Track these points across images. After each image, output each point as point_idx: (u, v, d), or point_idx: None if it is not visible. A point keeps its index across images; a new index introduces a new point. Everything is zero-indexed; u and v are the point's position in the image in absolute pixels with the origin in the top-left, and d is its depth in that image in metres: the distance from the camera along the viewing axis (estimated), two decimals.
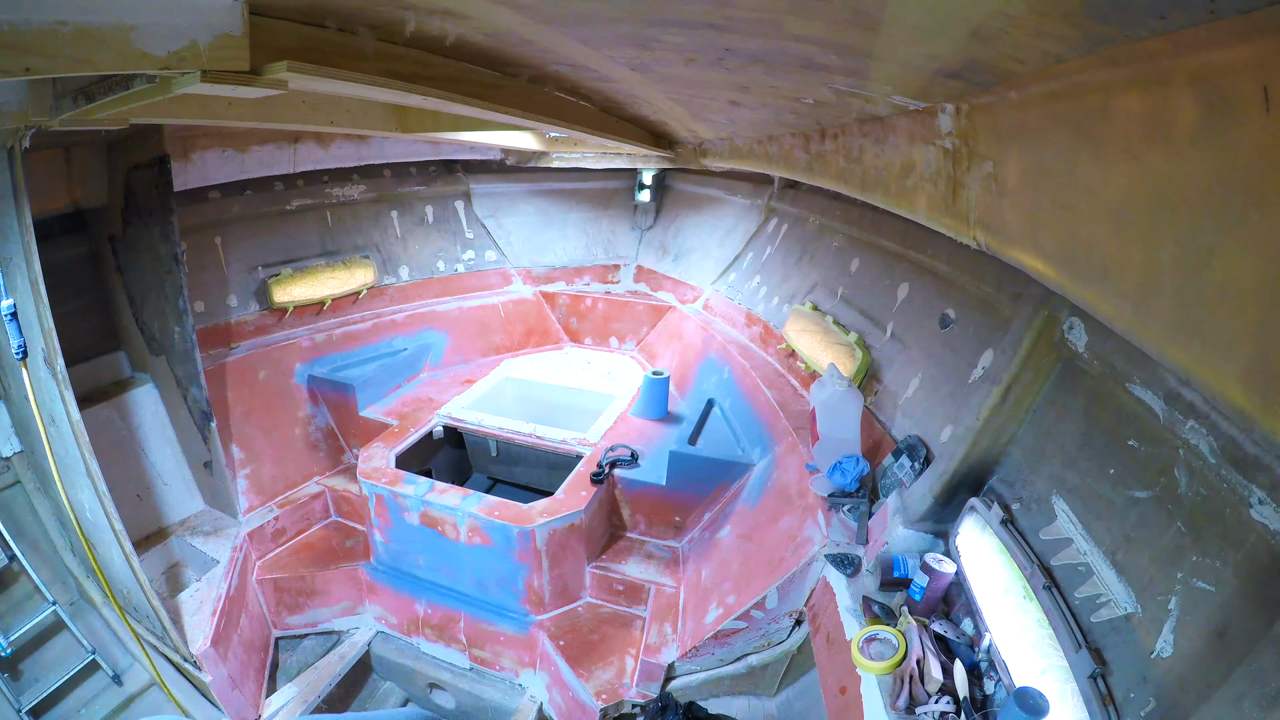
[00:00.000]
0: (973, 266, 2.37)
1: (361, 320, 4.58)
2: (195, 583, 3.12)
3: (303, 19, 1.49)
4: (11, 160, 2.16)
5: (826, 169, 2.14)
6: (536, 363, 5.00)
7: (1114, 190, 0.88)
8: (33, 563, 2.82)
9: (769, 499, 3.04)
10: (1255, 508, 1.15)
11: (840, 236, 3.70)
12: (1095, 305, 0.99)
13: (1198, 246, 0.75)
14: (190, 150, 3.67)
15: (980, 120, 1.21)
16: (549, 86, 2.38)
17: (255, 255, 4.20)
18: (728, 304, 4.61)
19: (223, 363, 3.82)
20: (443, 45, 1.76)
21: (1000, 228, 1.23)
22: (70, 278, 3.27)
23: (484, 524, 3.15)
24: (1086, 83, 0.88)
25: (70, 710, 2.78)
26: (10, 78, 1.22)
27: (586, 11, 1.33)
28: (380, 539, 3.49)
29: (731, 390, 3.82)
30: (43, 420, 2.41)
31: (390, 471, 3.46)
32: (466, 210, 5.36)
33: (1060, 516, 1.67)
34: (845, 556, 2.24)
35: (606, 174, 5.50)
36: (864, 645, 1.84)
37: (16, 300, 2.28)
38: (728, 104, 2.18)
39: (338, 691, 3.33)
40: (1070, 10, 0.74)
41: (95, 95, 1.69)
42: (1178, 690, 1.24)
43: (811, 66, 1.35)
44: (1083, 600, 1.52)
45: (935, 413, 2.39)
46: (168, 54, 1.29)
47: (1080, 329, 1.66)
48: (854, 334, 3.07)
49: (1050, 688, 1.49)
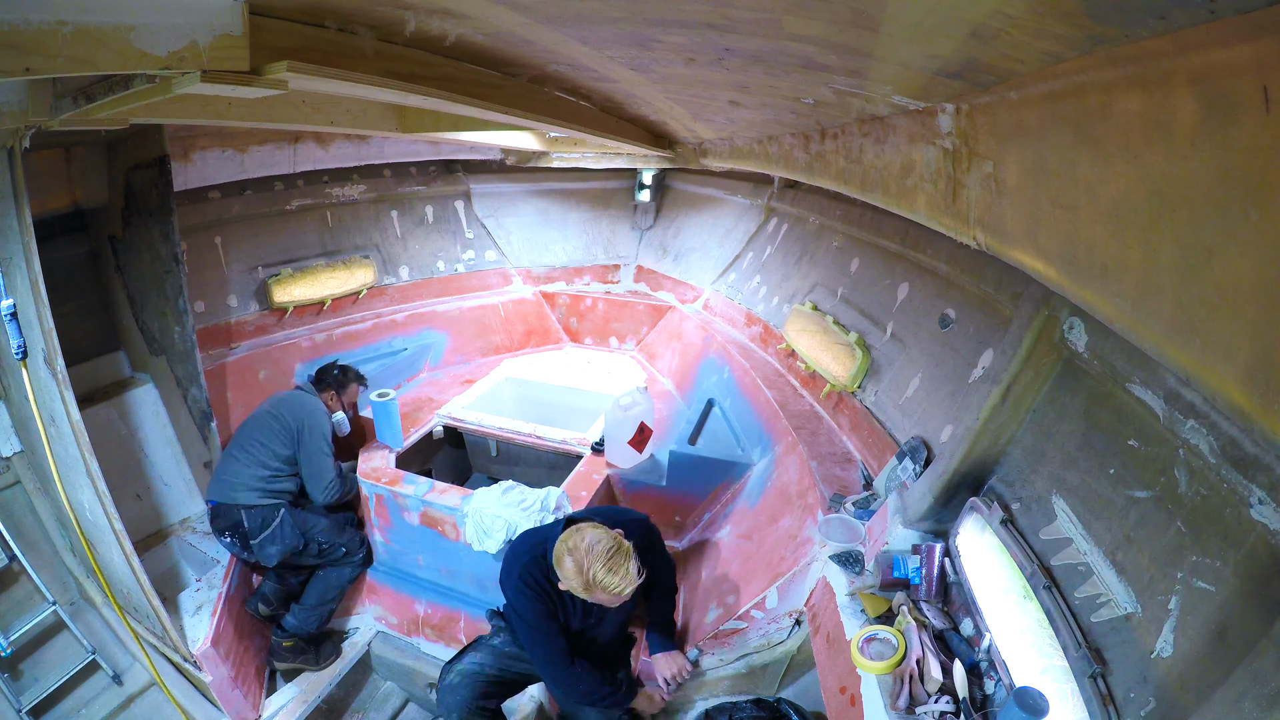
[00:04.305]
0: (973, 266, 2.37)
1: (361, 320, 4.58)
2: (195, 583, 3.12)
3: (303, 19, 1.49)
4: (11, 160, 2.16)
5: (826, 169, 2.14)
6: (536, 363, 5.00)
7: (1114, 190, 0.88)
8: (33, 563, 2.82)
9: (769, 499, 3.04)
10: (1255, 508, 1.15)
11: (840, 236, 3.70)
12: (1095, 305, 0.99)
13: (1198, 246, 0.75)
14: (190, 150, 3.66)
15: (980, 120, 1.21)
16: (549, 86, 2.38)
17: (255, 255, 4.20)
18: (728, 304, 4.61)
19: (223, 363, 3.82)
20: (443, 45, 1.76)
21: (1000, 227, 1.23)
22: (70, 278, 3.27)
23: None
24: (1086, 83, 0.88)
25: (70, 710, 2.78)
26: (10, 78, 1.22)
27: (586, 11, 1.33)
28: (380, 539, 3.49)
29: (731, 390, 3.82)
30: (43, 420, 2.41)
31: (390, 471, 3.46)
32: (466, 210, 5.36)
33: (1060, 516, 1.67)
34: (850, 554, 2.24)
35: (606, 174, 5.50)
36: (864, 645, 1.84)
37: (16, 300, 2.28)
38: (728, 104, 2.18)
39: (338, 692, 3.33)
40: (1070, 10, 0.74)
41: (95, 95, 1.69)
42: (1178, 690, 1.24)
43: (811, 66, 1.35)
44: (1083, 600, 1.52)
45: (935, 412, 2.40)
46: (168, 54, 1.29)
47: (1080, 329, 1.66)
48: (854, 334, 3.07)
49: (1050, 688, 1.49)
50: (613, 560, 2.05)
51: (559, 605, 2.30)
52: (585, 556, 2.05)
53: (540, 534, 2.38)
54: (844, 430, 3.06)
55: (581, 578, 2.05)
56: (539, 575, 2.25)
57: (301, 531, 3.11)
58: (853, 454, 2.91)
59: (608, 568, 2.04)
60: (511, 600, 2.32)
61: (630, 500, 3.53)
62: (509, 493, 3.08)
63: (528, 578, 2.24)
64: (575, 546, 2.08)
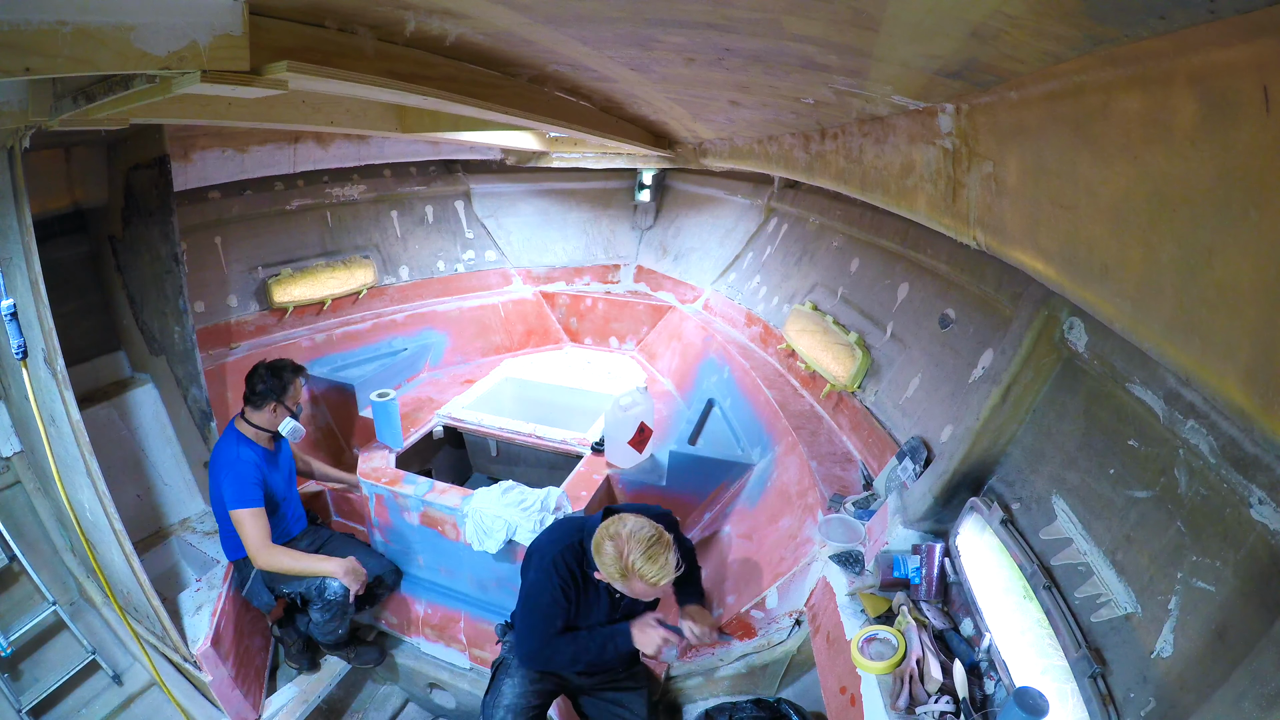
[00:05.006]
0: (973, 266, 2.37)
1: (361, 320, 4.57)
2: (195, 583, 3.12)
3: (303, 19, 1.49)
4: (11, 160, 2.16)
5: (826, 169, 2.14)
6: (536, 363, 4.99)
7: (1114, 190, 0.88)
8: (33, 563, 2.82)
9: (769, 499, 3.04)
10: (1255, 508, 1.15)
11: (840, 236, 3.70)
12: (1095, 305, 0.99)
13: (1198, 246, 0.75)
14: (190, 150, 3.66)
15: (980, 120, 1.21)
16: (549, 86, 2.38)
17: (255, 255, 4.20)
18: (728, 304, 4.61)
19: (223, 363, 3.82)
20: (443, 45, 1.76)
21: (1000, 228, 1.23)
22: (70, 278, 3.27)
23: None
24: (1086, 83, 0.88)
25: (70, 710, 2.78)
26: (10, 78, 1.22)
27: (586, 11, 1.33)
28: (380, 539, 3.49)
29: (731, 390, 3.82)
30: (43, 420, 2.41)
31: (390, 471, 3.46)
32: (466, 210, 5.36)
33: (1060, 516, 1.67)
34: (850, 554, 2.24)
35: (606, 174, 5.49)
36: (864, 645, 1.84)
37: (16, 300, 2.28)
38: (728, 104, 2.18)
39: (338, 692, 3.33)
40: (1070, 10, 0.74)
41: (95, 95, 1.69)
42: (1178, 690, 1.24)
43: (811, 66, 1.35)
44: (1083, 600, 1.52)
45: (935, 413, 2.40)
46: (168, 54, 1.29)
47: (1080, 329, 1.66)
48: (854, 334, 3.07)
49: (1050, 688, 1.49)
50: (653, 549, 2.02)
51: (578, 602, 2.26)
52: (626, 543, 2.02)
53: (578, 521, 2.35)
54: (844, 430, 3.06)
55: (620, 564, 2.02)
56: (571, 563, 2.21)
57: (268, 586, 2.93)
58: (853, 454, 2.91)
59: (648, 555, 2.00)
60: (532, 580, 2.27)
61: (630, 500, 3.53)
62: (509, 493, 3.08)
63: (560, 563, 2.21)
64: (617, 533, 2.06)
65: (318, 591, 2.87)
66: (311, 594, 2.89)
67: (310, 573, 2.86)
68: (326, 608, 2.88)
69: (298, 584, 2.90)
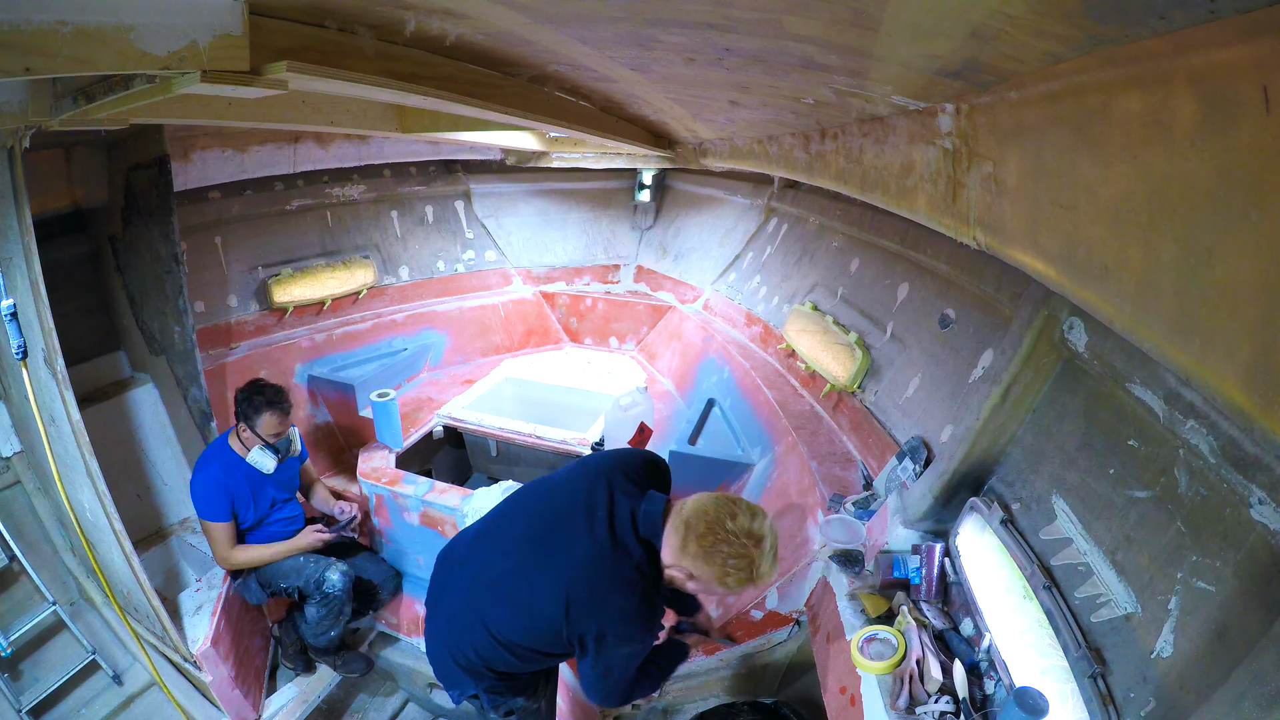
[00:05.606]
0: (973, 266, 2.37)
1: (361, 320, 4.57)
2: (195, 583, 3.12)
3: (303, 19, 1.49)
4: (11, 160, 2.16)
5: (826, 169, 2.14)
6: (536, 363, 4.99)
7: (1114, 190, 0.88)
8: (33, 563, 2.82)
9: (769, 499, 3.04)
10: (1255, 508, 1.15)
11: (840, 236, 3.70)
12: (1095, 305, 0.99)
13: (1198, 246, 0.75)
14: (190, 150, 3.66)
15: (980, 120, 1.21)
16: (549, 86, 2.38)
17: (255, 255, 4.20)
18: (728, 304, 4.61)
19: (223, 363, 3.82)
20: (443, 45, 1.76)
21: (1000, 228, 1.23)
22: (70, 278, 3.26)
23: None
24: (1086, 83, 0.88)
25: (70, 710, 2.78)
26: (10, 78, 1.22)
27: (586, 11, 1.33)
28: (380, 539, 3.49)
29: (731, 390, 3.82)
30: (43, 420, 2.41)
31: (390, 471, 3.46)
32: (466, 210, 5.36)
33: (1060, 516, 1.67)
34: (850, 554, 2.24)
35: (606, 174, 5.49)
36: (863, 645, 1.84)
37: (16, 300, 2.28)
38: (728, 104, 2.18)
39: (338, 692, 3.33)
40: (1070, 10, 0.74)
41: (95, 95, 1.69)
42: (1178, 690, 1.24)
43: (811, 66, 1.35)
44: (1083, 600, 1.52)
45: (935, 412, 2.40)
46: (168, 54, 1.29)
47: (1080, 329, 1.66)
48: (854, 334, 3.07)
49: (1050, 688, 1.49)
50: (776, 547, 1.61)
51: None
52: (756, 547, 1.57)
53: (624, 517, 1.74)
54: (844, 430, 3.06)
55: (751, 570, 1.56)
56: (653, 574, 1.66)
57: (261, 584, 2.96)
58: (853, 454, 2.91)
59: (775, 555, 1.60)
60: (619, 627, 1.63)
61: None
62: (509, 493, 3.08)
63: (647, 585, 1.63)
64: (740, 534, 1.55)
65: (315, 585, 2.88)
66: (310, 588, 2.90)
67: (274, 558, 2.93)
68: (324, 601, 2.89)
69: (295, 579, 2.92)
